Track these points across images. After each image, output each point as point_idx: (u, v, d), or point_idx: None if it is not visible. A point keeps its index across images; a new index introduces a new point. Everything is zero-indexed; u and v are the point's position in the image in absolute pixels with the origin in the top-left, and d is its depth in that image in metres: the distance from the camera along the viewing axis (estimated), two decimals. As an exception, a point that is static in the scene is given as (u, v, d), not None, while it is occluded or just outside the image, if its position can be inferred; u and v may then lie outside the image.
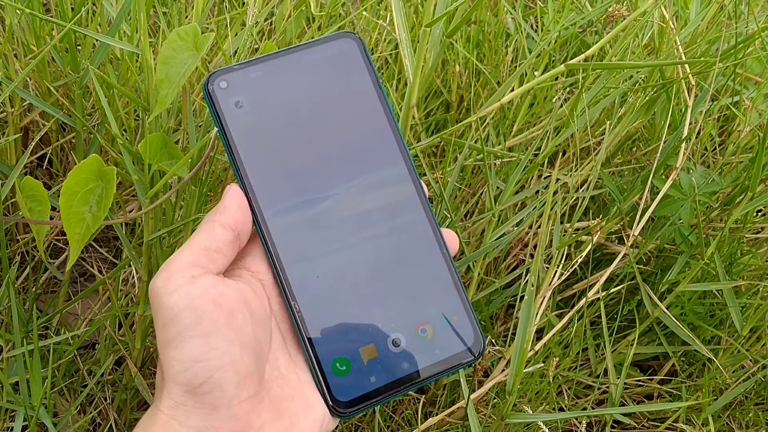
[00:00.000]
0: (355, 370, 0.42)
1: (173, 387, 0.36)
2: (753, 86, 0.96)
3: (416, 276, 0.44)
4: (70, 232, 0.53)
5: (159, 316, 0.37)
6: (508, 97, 0.74)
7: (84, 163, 0.51)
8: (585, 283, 0.85)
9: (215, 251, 0.39)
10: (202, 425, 0.35)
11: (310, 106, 0.44)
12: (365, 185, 0.44)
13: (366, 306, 0.43)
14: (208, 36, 0.50)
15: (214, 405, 0.36)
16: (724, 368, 0.81)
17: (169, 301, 0.37)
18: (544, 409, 0.78)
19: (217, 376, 0.36)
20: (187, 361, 0.36)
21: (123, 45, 0.66)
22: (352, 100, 0.45)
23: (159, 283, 0.38)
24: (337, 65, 0.45)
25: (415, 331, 0.43)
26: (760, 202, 0.77)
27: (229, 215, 0.41)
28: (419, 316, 0.43)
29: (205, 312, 0.37)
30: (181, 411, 0.36)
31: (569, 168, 0.91)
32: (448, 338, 0.43)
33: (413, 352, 0.42)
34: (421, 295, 0.44)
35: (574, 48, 1.07)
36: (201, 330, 0.36)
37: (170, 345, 0.36)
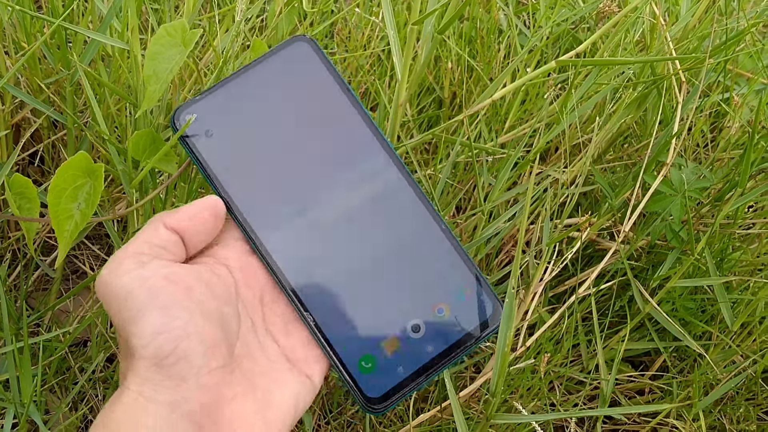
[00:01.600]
0: (381, 365, 0.42)
1: (139, 363, 0.35)
2: (744, 82, 0.96)
3: (420, 258, 0.44)
4: (58, 230, 0.53)
5: (113, 302, 0.37)
6: (500, 93, 0.74)
7: (72, 160, 0.51)
8: (576, 279, 0.85)
9: (159, 247, 0.39)
10: (172, 398, 0.35)
11: (278, 116, 0.44)
12: (351, 181, 0.44)
13: (378, 299, 0.43)
14: (196, 32, 0.50)
15: (182, 376, 0.35)
16: (715, 364, 0.81)
17: (120, 282, 0.37)
18: (536, 405, 0.78)
19: (182, 346, 0.35)
20: (149, 334, 0.35)
21: (112, 41, 0.66)
22: (317, 100, 0.45)
23: (106, 274, 0.38)
24: (294, 71, 0.45)
25: (433, 313, 0.43)
26: (749, 198, 0.77)
27: (176, 219, 0.41)
28: (432, 297, 0.43)
29: (160, 288, 0.37)
30: (149, 387, 0.35)
31: (561, 164, 0.91)
32: (467, 312, 0.43)
33: (435, 335, 0.42)
34: (430, 276, 0.44)
35: (566, 45, 1.07)
36: (159, 303, 0.36)
37: (130, 323, 0.36)
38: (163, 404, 0.35)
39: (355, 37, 1.02)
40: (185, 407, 0.35)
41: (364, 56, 1.02)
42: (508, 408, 0.74)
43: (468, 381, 0.84)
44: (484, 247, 0.81)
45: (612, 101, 0.93)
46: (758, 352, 0.82)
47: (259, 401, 0.38)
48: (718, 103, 0.95)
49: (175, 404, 0.35)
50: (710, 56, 0.74)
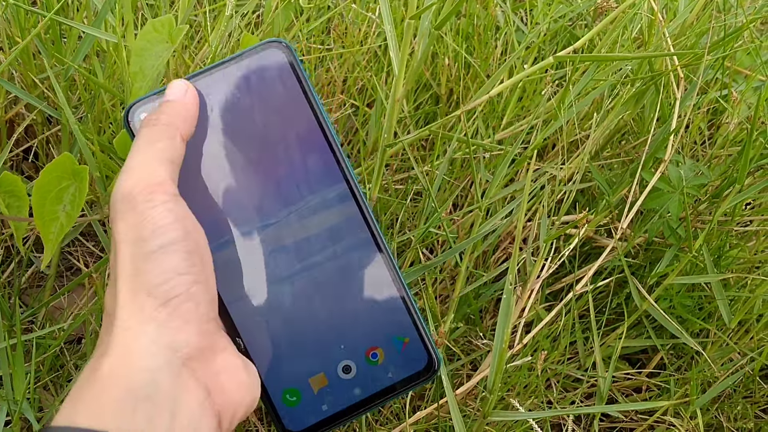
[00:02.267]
0: (305, 400, 0.41)
1: (146, 300, 0.35)
2: (742, 79, 0.96)
3: (364, 298, 0.42)
4: (44, 232, 0.53)
5: (138, 227, 0.36)
6: (497, 89, 0.73)
7: (56, 162, 0.51)
8: (573, 276, 0.85)
9: (177, 165, 0.39)
10: (173, 340, 0.34)
11: (237, 122, 0.41)
12: (304, 208, 0.42)
13: (314, 334, 0.42)
14: (182, 28, 0.50)
15: (187, 318, 0.35)
16: (712, 361, 0.81)
17: (153, 213, 0.36)
18: (533, 402, 0.78)
19: (194, 290, 0.36)
20: (170, 272, 0.35)
21: (106, 36, 0.65)
22: (284, 115, 0.42)
23: (138, 193, 0.36)
24: (263, 76, 0.42)
25: (366, 356, 0.42)
26: (747, 195, 0.76)
27: (190, 124, 0.40)
28: (369, 340, 0.42)
29: (191, 232, 0.37)
30: (153, 325, 0.34)
31: (558, 161, 0.91)
32: (401, 361, 0.42)
33: (365, 378, 0.42)
34: (370, 318, 0.42)
35: (564, 41, 1.06)
36: (186, 246, 0.36)
37: (150, 258, 0.35)
38: (165, 346, 0.34)
39: (351, 33, 1.02)
40: (184, 350, 0.35)
41: (361, 52, 1.01)
42: (505, 405, 0.74)
43: (465, 378, 0.83)
44: (481, 244, 0.81)
45: (610, 97, 0.93)
46: (756, 349, 0.81)
47: (244, 359, 0.39)
48: (716, 100, 0.94)
49: (176, 347, 0.35)
50: (708, 52, 0.74)
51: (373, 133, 0.94)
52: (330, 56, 1.01)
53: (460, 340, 0.85)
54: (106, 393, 0.32)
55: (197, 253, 0.37)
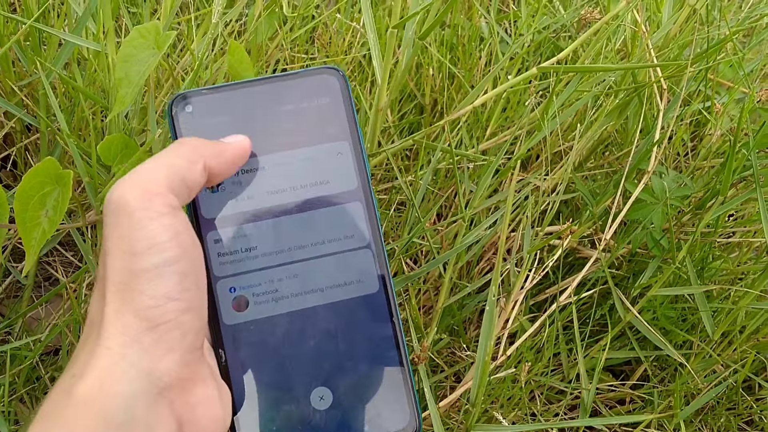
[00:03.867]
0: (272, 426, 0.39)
1: (133, 321, 0.33)
2: (725, 91, 0.97)
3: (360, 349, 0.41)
4: (25, 238, 0.52)
5: (131, 239, 0.33)
6: (481, 99, 0.73)
7: (39, 167, 0.50)
8: (557, 287, 0.85)
9: (187, 188, 0.36)
10: (154, 367, 0.33)
11: (277, 137, 0.41)
12: (316, 239, 0.41)
13: (297, 374, 0.40)
14: (169, 34, 0.49)
15: (171, 346, 0.33)
16: (695, 373, 0.80)
17: (151, 227, 0.33)
18: (516, 415, 0.77)
19: (183, 319, 0.34)
20: (161, 297, 0.33)
21: (86, 43, 0.64)
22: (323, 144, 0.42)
23: (133, 201, 0.34)
24: (312, 97, 0.42)
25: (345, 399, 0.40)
26: (730, 206, 0.77)
27: (218, 163, 0.37)
28: (352, 384, 0.40)
29: (188, 250, 0.34)
30: (135, 349, 0.33)
31: (542, 172, 0.91)
32: (382, 416, 0.40)
33: (338, 421, 0.40)
34: (359, 366, 0.41)
35: (548, 52, 1.06)
36: (181, 267, 0.34)
37: (143, 277, 0.33)
38: (144, 372, 0.33)
39: (335, 43, 1.02)
40: (164, 379, 0.33)
41: (345, 61, 1.01)
42: (488, 418, 0.74)
43: (448, 391, 0.83)
44: (464, 254, 0.80)
45: (593, 108, 0.93)
46: (739, 361, 0.81)
47: (221, 391, 0.37)
48: (698, 112, 0.95)
49: (156, 375, 0.33)
50: (692, 64, 0.74)
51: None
52: (314, 65, 1.00)
53: (444, 351, 0.84)
54: (80, 419, 0.31)
55: (192, 276, 0.35)
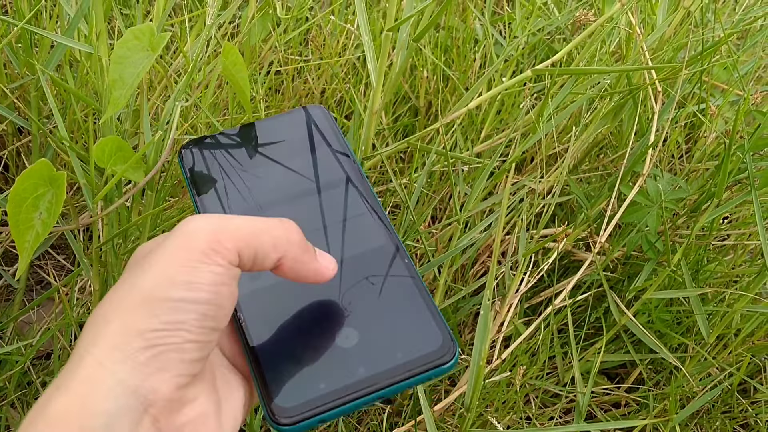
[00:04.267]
0: (300, 374, 0.37)
1: (134, 340, 0.32)
2: (719, 94, 0.97)
3: (374, 274, 0.41)
4: (18, 240, 0.51)
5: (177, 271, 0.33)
6: (476, 102, 0.73)
7: (33, 168, 0.49)
8: (552, 290, 0.84)
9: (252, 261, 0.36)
10: (140, 385, 0.32)
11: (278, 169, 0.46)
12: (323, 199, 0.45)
13: (317, 306, 0.40)
14: (164, 35, 0.49)
15: (164, 366, 0.33)
16: (691, 376, 0.80)
17: (199, 269, 0.33)
18: (511, 418, 0.77)
19: (186, 346, 0.33)
20: (173, 323, 0.33)
21: (78, 45, 0.64)
22: (322, 160, 0.47)
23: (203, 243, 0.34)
24: (304, 130, 0.48)
25: (372, 333, 0.39)
26: (726, 209, 0.76)
27: (291, 267, 0.37)
28: (377, 317, 0.39)
29: (221, 300, 0.34)
30: (127, 367, 0.32)
31: (537, 174, 0.91)
32: (412, 339, 0.39)
33: (369, 356, 0.38)
34: (381, 293, 0.41)
35: (542, 54, 1.06)
36: (205, 309, 0.34)
37: (166, 305, 0.33)
38: (130, 389, 0.32)
39: (329, 45, 1.01)
40: (150, 397, 0.33)
41: (339, 64, 1.00)
42: (483, 422, 0.73)
43: (443, 394, 0.82)
44: (459, 257, 0.80)
45: (588, 111, 0.93)
46: (734, 364, 0.81)
47: (216, 404, 0.36)
48: (692, 115, 0.95)
49: (141, 392, 0.32)
50: (686, 66, 0.74)
51: (351, 145, 0.93)
52: (308, 67, 1.00)
53: (438, 355, 0.84)
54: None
55: (214, 321, 0.34)
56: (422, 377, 0.38)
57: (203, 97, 0.78)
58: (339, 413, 0.37)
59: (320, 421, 0.37)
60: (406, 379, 0.37)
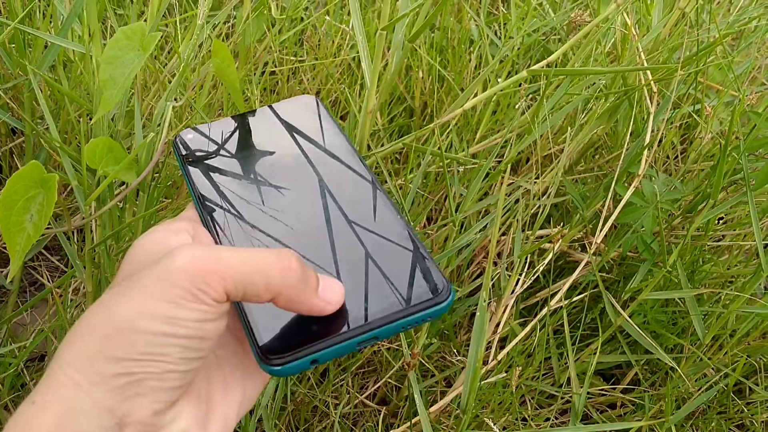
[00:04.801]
0: (291, 317, 0.36)
1: (112, 366, 0.32)
2: (714, 95, 0.97)
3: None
4: (10, 243, 0.51)
5: (159, 305, 0.32)
6: (471, 102, 0.73)
7: (23, 170, 0.49)
8: (548, 291, 0.84)
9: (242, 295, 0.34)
10: (116, 407, 0.32)
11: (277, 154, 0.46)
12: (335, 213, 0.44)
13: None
14: (155, 35, 0.49)
15: (142, 392, 0.32)
16: (686, 377, 0.80)
17: (183, 306, 0.32)
18: (507, 420, 0.77)
19: (167, 376, 0.33)
20: (150, 355, 0.32)
21: (71, 45, 0.64)
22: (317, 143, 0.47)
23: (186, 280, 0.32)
24: (300, 117, 0.49)
25: (364, 274, 0.38)
26: (721, 210, 0.76)
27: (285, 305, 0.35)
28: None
29: (205, 336, 0.33)
30: (104, 389, 0.31)
31: (532, 175, 0.90)
32: (406, 282, 0.38)
33: (363, 297, 0.37)
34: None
35: (537, 55, 1.06)
36: (188, 343, 0.33)
37: (145, 339, 0.32)
38: (105, 410, 0.32)
39: (324, 45, 1.01)
40: (126, 420, 0.32)
41: (334, 64, 1.00)
42: (479, 423, 0.73)
43: (439, 395, 0.82)
44: (455, 258, 0.80)
45: (583, 111, 0.93)
46: (730, 365, 0.81)
47: (201, 416, 0.36)
48: (687, 115, 0.95)
49: (116, 413, 0.32)
50: (682, 67, 0.74)
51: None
52: (303, 68, 1.00)
53: (434, 356, 0.84)
54: None
55: (195, 353, 0.33)
56: (417, 317, 0.37)
57: (198, 97, 0.78)
58: (332, 354, 0.36)
59: (312, 362, 0.35)
60: (401, 318, 0.37)
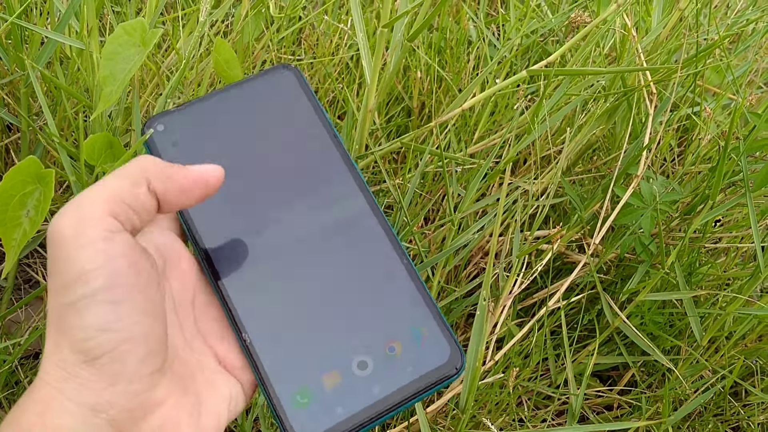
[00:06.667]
0: (317, 401, 0.38)
1: (69, 356, 0.31)
2: (711, 98, 0.97)
3: (377, 291, 0.41)
4: (5, 239, 0.50)
5: (62, 272, 0.31)
6: (470, 102, 0.73)
7: (21, 165, 0.49)
8: (545, 292, 0.84)
9: (133, 211, 0.34)
10: (96, 401, 0.31)
11: (249, 138, 0.44)
12: (312, 206, 0.42)
13: (326, 330, 0.39)
14: (156, 31, 0.48)
15: (114, 379, 0.32)
16: (683, 379, 0.80)
17: (79, 255, 0.31)
18: (504, 420, 0.77)
19: (123, 348, 0.32)
20: (92, 328, 0.31)
21: (70, 41, 0.63)
22: (292, 127, 0.44)
23: (67, 230, 0.32)
24: (274, 96, 0.45)
25: (383, 351, 0.39)
26: (720, 211, 0.76)
27: (165, 187, 0.35)
28: (385, 333, 0.40)
29: (122, 276, 0.32)
30: (73, 384, 0.31)
31: (530, 176, 0.90)
32: (421, 354, 0.39)
33: (382, 374, 0.39)
34: (385, 310, 0.40)
35: (536, 56, 1.06)
36: (113, 295, 0.32)
37: (73, 309, 0.31)
38: (86, 406, 0.31)
39: (323, 44, 1.01)
40: (110, 412, 0.32)
41: (333, 63, 1.00)
42: (476, 424, 0.73)
43: (436, 396, 0.82)
44: (452, 258, 0.80)
45: (582, 112, 0.93)
46: (726, 367, 0.81)
47: (191, 405, 0.36)
48: (685, 118, 0.95)
49: (99, 408, 0.32)
50: (682, 67, 0.74)
51: (344, 145, 0.92)
52: (301, 67, 0.99)
53: (431, 356, 0.83)
54: None
55: (129, 303, 0.32)
56: (434, 390, 0.39)
57: (196, 95, 0.77)
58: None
59: None
60: (419, 393, 0.38)
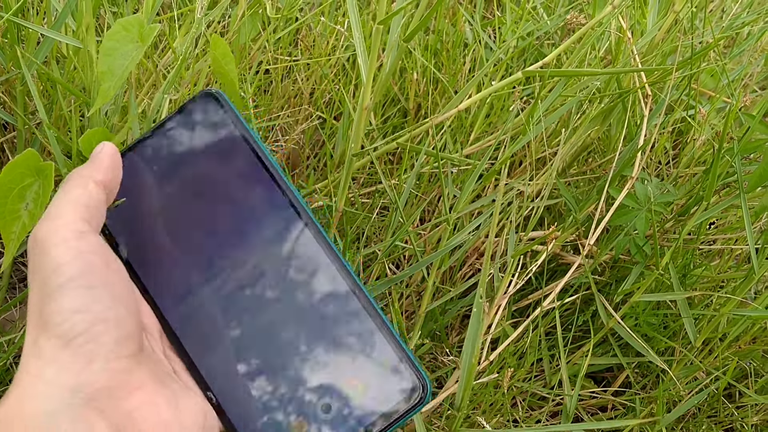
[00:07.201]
0: None
1: (48, 343, 0.33)
2: (706, 101, 0.97)
3: (334, 329, 0.40)
4: (4, 232, 0.51)
5: (39, 270, 0.35)
6: (466, 103, 0.73)
7: (20, 158, 0.49)
8: (540, 293, 0.84)
9: (93, 209, 0.38)
10: (75, 382, 0.33)
11: (182, 177, 0.43)
12: (258, 244, 0.41)
13: (287, 378, 0.39)
14: (154, 27, 0.48)
15: (90, 358, 0.33)
16: (677, 380, 0.80)
17: (54, 252, 0.35)
18: (498, 421, 0.77)
19: (97, 329, 0.34)
20: (67, 311, 0.34)
21: (66, 39, 0.63)
22: (224, 159, 0.43)
23: (41, 234, 0.36)
24: (198, 127, 0.43)
25: (346, 390, 0.39)
26: (714, 212, 0.77)
27: (105, 173, 0.39)
28: (346, 372, 0.39)
29: (95, 266, 0.35)
30: (53, 369, 0.33)
31: (525, 177, 0.90)
32: (384, 388, 0.39)
33: (349, 415, 0.39)
34: (344, 348, 0.40)
35: (532, 58, 1.07)
36: (87, 281, 0.35)
37: (49, 298, 0.34)
38: (65, 388, 0.32)
39: (319, 45, 1.01)
40: (87, 390, 0.33)
41: (329, 64, 1.00)
42: (470, 424, 0.73)
43: (429, 396, 0.82)
44: (447, 259, 0.80)
45: (577, 114, 0.93)
46: (720, 368, 0.81)
47: (170, 394, 0.36)
48: (679, 121, 0.95)
49: (78, 388, 0.33)
50: (677, 69, 0.74)
51: (341, 146, 0.92)
52: (297, 68, 0.99)
53: (426, 356, 0.83)
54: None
55: (103, 288, 0.35)
56: (402, 421, 0.39)
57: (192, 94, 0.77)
58: None
59: None
60: (387, 427, 0.39)
